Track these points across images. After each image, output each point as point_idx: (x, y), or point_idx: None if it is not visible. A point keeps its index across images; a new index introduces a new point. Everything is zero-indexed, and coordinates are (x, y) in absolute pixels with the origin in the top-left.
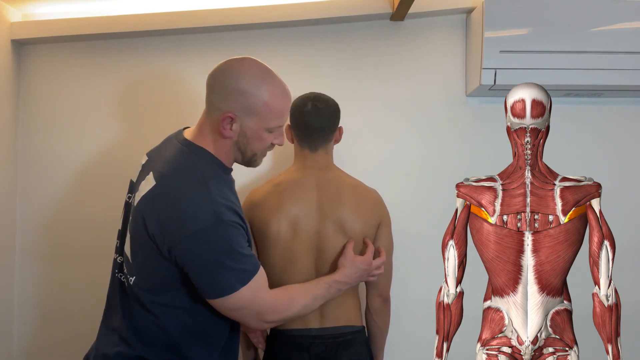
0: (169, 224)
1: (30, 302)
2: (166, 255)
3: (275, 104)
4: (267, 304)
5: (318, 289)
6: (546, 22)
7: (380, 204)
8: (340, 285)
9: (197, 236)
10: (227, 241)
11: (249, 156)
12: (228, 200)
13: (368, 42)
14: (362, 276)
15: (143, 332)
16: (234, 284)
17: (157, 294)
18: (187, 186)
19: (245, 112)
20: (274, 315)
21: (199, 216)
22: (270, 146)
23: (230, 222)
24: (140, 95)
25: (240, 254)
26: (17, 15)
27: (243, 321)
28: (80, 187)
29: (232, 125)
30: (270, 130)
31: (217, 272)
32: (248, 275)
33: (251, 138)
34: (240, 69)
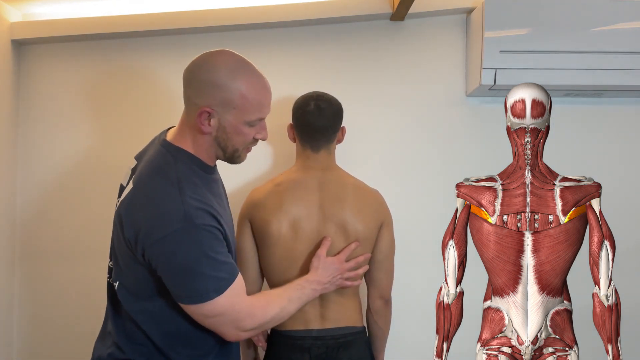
0: (141, 227)
1: (30, 303)
2: (140, 260)
3: (252, 95)
4: (244, 311)
5: (291, 291)
6: (546, 22)
7: (382, 205)
8: (313, 285)
9: (167, 240)
10: (199, 246)
11: (230, 152)
12: (203, 203)
13: (368, 42)
14: (335, 277)
15: (132, 337)
16: (207, 292)
17: (137, 299)
18: (159, 188)
19: (223, 105)
20: (252, 321)
21: (168, 219)
22: (253, 141)
23: (202, 226)
24: (140, 95)
25: (214, 260)
26: (17, 15)
27: (219, 330)
28: (79, 187)
29: (210, 121)
30: (250, 123)
31: (190, 278)
32: (224, 283)
33: (231, 133)
34: (215, 62)
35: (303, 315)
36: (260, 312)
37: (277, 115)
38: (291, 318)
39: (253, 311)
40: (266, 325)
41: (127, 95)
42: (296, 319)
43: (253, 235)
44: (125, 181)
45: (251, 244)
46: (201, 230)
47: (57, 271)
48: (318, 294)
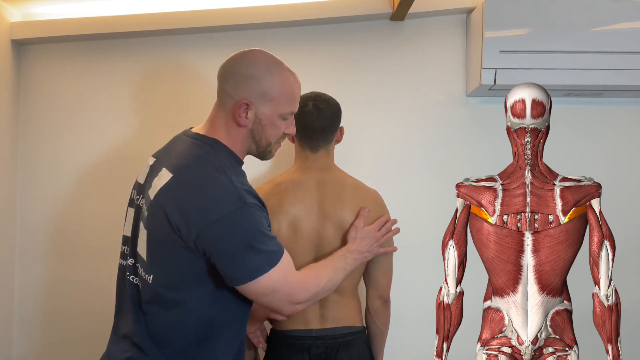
0: (193, 212)
1: (30, 303)
2: (192, 247)
3: (288, 88)
4: (297, 284)
5: (335, 261)
6: (546, 22)
7: (381, 205)
8: (354, 254)
9: (224, 220)
10: (253, 223)
11: (264, 145)
12: (247, 187)
13: (368, 42)
14: (372, 245)
15: (158, 335)
16: (263, 266)
17: (177, 290)
18: (208, 174)
19: (260, 98)
20: (305, 293)
21: (224, 200)
22: (283, 136)
23: (253, 204)
24: (140, 95)
25: (266, 236)
26: (17, 15)
27: (274, 306)
28: (80, 187)
29: (248, 113)
30: (283, 116)
31: (247, 255)
32: (276, 256)
33: (266, 125)
34: (252, 58)
35: (303, 315)
36: (313, 284)
37: None
38: (291, 318)
39: (305, 283)
40: (317, 295)
41: (127, 95)
42: (296, 319)
43: None
44: (143, 178)
45: None
46: (253, 209)
47: (57, 271)
48: (359, 263)
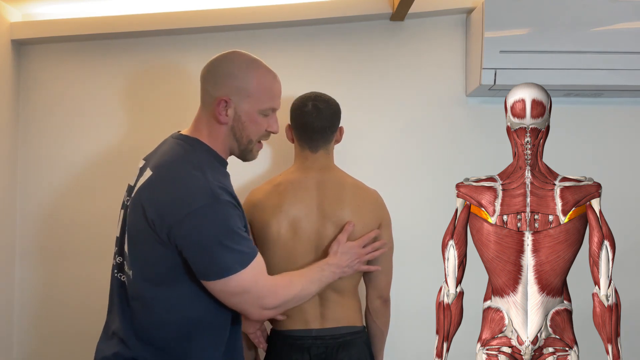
0: (166, 206)
1: (30, 303)
2: (165, 241)
3: (266, 84)
4: (267, 288)
5: (312, 273)
6: (546, 22)
7: (381, 205)
8: (332, 267)
9: (195, 215)
10: (224, 220)
11: (245, 143)
12: (223, 184)
13: (368, 42)
14: (353, 261)
15: (141, 331)
16: (233, 265)
17: (157, 285)
18: (183, 170)
19: (239, 94)
20: (275, 299)
21: (195, 195)
22: (266, 134)
23: (226, 202)
24: (140, 96)
25: (238, 235)
26: (17, 15)
27: (243, 309)
28: (80, 187)
29: (227, 110)
30: (263, 112)
31: (217, 252)
32: (247, 257)
33: (246, 122)
34: (231, 57)
35: (303, 315)
36: (282, 291)
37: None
38: (291, 318)
39: (275, 289)
40: (288, 304)
41: (127, 95)
42: (296, 319)
43: (252, 236)
44: (134, 181)
45: None
46: (225, 206)
47: (58, 271)
48: (337, 276)
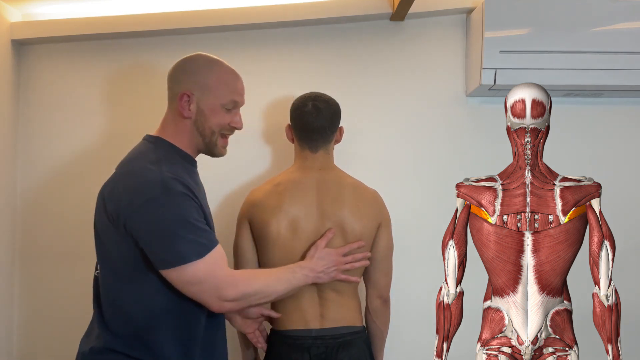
0: (122, 198)
1: (30, 303)
2: (123, 233)
3: (227, 79)
4: (226, 279)
5: (281, 272)
6: (546, 22)
7: (380, 205)
8: (305, 271)
9: (147, 205)
10: (177, 210)
11: (208, 135)
12: (180, 177)
13: (368, 42)
14: (330, 268)
15: (111, 324)
16: (188, 255)
17: (121, 280)
18: (140, 164)
19: (200, 88)
20: (234, 290)
21: (149, 186)
22: (229, 129)
23: (179, 193)
24: (140, 96)
25: (193, 226)
26: (17, 15)
27: (202, 299)
28: (80, 187)
29: (190, 105)
30: (225, 106)
31: (170, 241)
32: (203, 248)
33: (208, 114)
34: (192, 57)
35: (302, 315)
36: (243, 283)
37: (276, 116)
38: (290, 318)
39: (234, 281)
40: (250, 297)
41: (127, 95)
42: (296, 319)
43: (252, 236)
44: None
45: (250, 244)
46: (178, 196)
47: (57, 271)
48: (310, 281)
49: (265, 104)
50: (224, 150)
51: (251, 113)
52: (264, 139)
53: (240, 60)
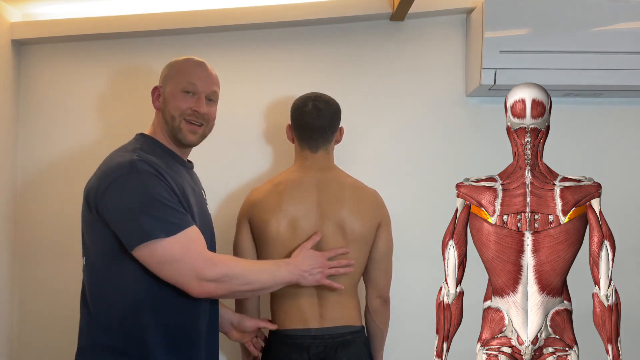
0: (93, 184)
1: (30, 302)
2: (96, 217)
3: (186, 66)
4: (204, 258)
5: (266, 263)
6: (546, 22)
7: (380, 205)
8: (290, 267)
9: (115, 184)
10: (145, 188)
11: (170, 121)
12: (150, 161)
13: (368, 42)
14: (315, 268)
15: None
16: (155, 231)
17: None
18: (115, 154)
19: (165, 80)
20: (213, 270)
21: (115, 168)
22: (191, 113)
23: (146, 172)
24: (140, 95)
25: (161, 204)
26: (17, 15)
27: (180, 281)
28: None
29: (159, 97)
30: (184, 90)
31: (137, 218)
32: (174, 227)
33: (168, 100)
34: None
35: (302, 315)
36: (223, 264)
37: (276, 116)
38: (290, 317)
39: (215, 260)
40: (232, 281)
41: (127, 95)
42: (295, 318)
43: (252, 235)
44: None
45: (250, 243)
46: (146, 175)
47: (59, 269)
48: (294, 278)
49: (265, 104)
50: (192, 136)
51: (251, 113)
52: (264, 139)
53: (241, 61)
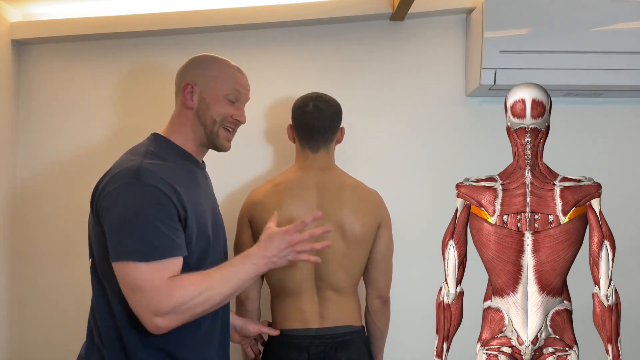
0: (100, 185)
1: (29, 302)
2: (98, 222)
3: (230, 72)
4: (163, 289)
5: (224, 268)
6: (546, 22)
7: (381, 205)
8: (254, 259)
9: (114, 192)
10: (141, 203)
11: (209, 125)
12: (160, 171)
13: (368, 42)
14: (283, 250)
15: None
16: (131, 253)
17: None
18: (125, 157)
19: (203, 79)
20: (168, 302)
21: (121, 175)
22: (232, 121)
23: (148, 184)
24: (140, 95)
25: (150, 225)
26: (17, 15)
27: (137, 308)
28: (80, 187)
29: (193, 95)
30: (228, 97)
31: (121, 234)
32: (154, 253)
33: (210, 103)
34: (199, 55)
35: (301, 314)
36: (178, 292)
37: (277, 116)
38: (290, 317)
39: (170, 291)
40: (185, 307)
41: (126, 95)
42: (295, 318)
43: (253, 235)
44: None
45: (251, 243)
46: (146, 188)
47: (59, 269)
48: (261, 268)
49: (266, 104)
50: (227, 143)
51: (252, 113)
52: (265, 139)
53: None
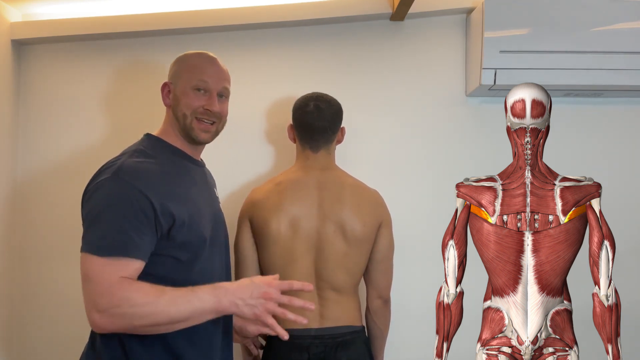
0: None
1: (29, 302)
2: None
3: (197, 63)
4: (105, 285)
5: (183, 291)
6: (546, 22)
7: (381, 205)
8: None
9: (94, 187)
10: (112, 198)
11: (182, 119)
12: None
13: (368, 42)
14: (254, 298)
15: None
16: (92, 246)
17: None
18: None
19: (175, 76)
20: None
21: (103, 171)
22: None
23: (126, 182)
24: (140, 95)
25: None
26: (17, 15)
27: (85, 300)
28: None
29: (170, 94)
30: (196, 87)
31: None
32: (112, 251)
33: (179, 97)
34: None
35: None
36: (121, 295)
37: (277, 116)
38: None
39: (113, 290)
40: (126, 311)
41: (127, 95)
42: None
43: (253, 235)
44: None
45: (251, 243)
46: (124, 186)
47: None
48: (225, 306)
49: (266, 104)
50: (204, 134)
51: (253, 113)
52: (265, 139)
53: (241, 60)
